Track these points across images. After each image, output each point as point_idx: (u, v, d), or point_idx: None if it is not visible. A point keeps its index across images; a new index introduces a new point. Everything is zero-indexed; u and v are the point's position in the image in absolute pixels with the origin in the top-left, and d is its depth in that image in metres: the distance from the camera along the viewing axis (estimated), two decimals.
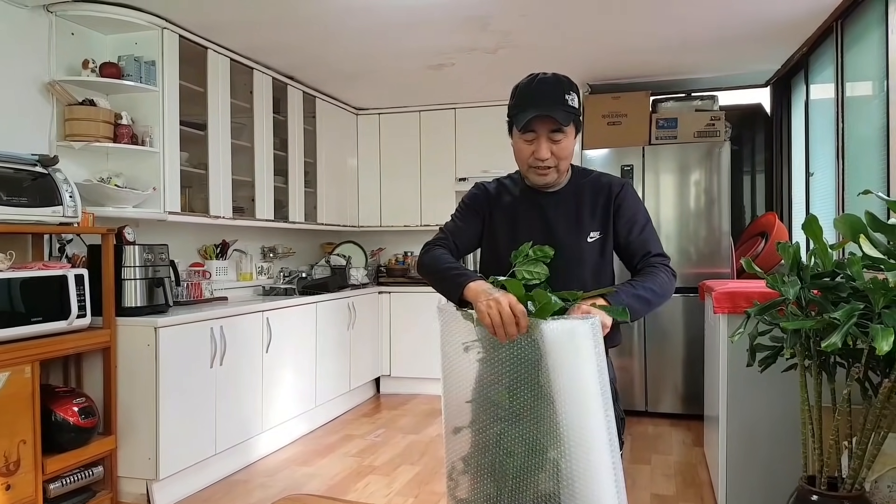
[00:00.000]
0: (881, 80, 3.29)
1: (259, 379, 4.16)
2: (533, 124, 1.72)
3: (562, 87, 1.74)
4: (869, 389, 2.14)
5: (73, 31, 3.62)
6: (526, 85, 1.78)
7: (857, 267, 2.06)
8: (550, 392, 1.46)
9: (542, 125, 1.72)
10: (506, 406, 1.53)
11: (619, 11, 3.82)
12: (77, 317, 3.10)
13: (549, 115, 1.70)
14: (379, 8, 3.70)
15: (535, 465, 1.50)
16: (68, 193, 3.12)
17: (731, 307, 2.89)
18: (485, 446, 1.59)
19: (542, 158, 1.74)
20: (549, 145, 1.73)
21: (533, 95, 1.74)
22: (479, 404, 1.61)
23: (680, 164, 4.98)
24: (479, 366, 1.61)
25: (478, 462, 1.61)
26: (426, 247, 1.86)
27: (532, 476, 1.50)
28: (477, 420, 1.62)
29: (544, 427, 1.49)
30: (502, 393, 1.53)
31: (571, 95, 1.74)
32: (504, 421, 1.54)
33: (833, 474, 2.19)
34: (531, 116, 1.71)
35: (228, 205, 4.39)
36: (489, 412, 1.58)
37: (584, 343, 1.42)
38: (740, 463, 2.95)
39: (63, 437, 3.04)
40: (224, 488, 3.70)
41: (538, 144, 1.74)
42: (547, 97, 1.72)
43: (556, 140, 1.74)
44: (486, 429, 1.59)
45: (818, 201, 4.41)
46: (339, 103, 5.92)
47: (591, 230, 1.84)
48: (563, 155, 1.76)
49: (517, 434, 1.52)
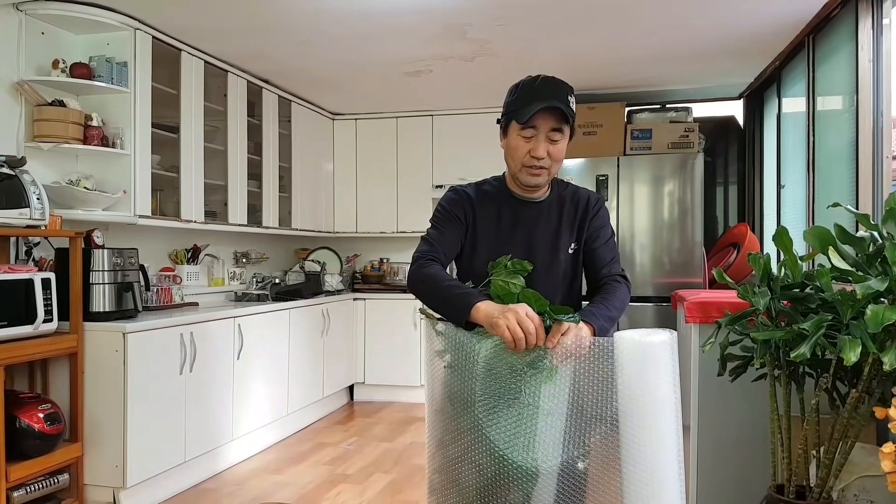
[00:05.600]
0: (851, 95, 3.35)
1: (230, 386, 4.10)
2: (536, 119, 1.70)
3: (566, 87, 1.75)
4: (837, 399, 2.17)
5: (43, 30, 3.56)
6: (530, 82, 1.76)
7: (826, 279, 2.08)
8: (589, 406, 1.46)
9: (545, 121, 1.70)
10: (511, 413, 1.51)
11: (595, 24, 3.85)
12: (43, 321, 3.04)
13: (556, 107, 1.68)
14: (356, 15, 3.69)
15: (509, 477, 1.49)
16: (36, 195, 3.06)
17: (703, 317, 2.91)
18: (462, 459, 1.57)
19: (538, 157, 1.72)
20: (547, 145, 1.72)
21: (539, 90, 1.72)
22: (459, 416, 1.60)
23: (654, 174, 5.03)
24: (451, 376, 1.60)
25: (451, 475, 1.60)
26: (417, 262, 1.77)
27: (504, 490, 1.50)
28: (450, 431, 1.61)
29: (543, 439, 1.48)
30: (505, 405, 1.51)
31: (572, 99, 1.75)
32: (475, 433, 1.53)
33: (801, 483, 2.21)
34: (537, 109, 1.68)
35: (200, 209, 4.33)
36: (464, 422, 1.57)
37: (664, 354, 1.43)
38: (710, 471, 2.96)
39: (28, 444, 2.97)
40: (193, 497, 3.64)
41: (536, 142, 1.72)
42: (553, 92, 1.72)
43: (555, 140, 1.73)
44: (461, 440, 1.58)
45: (789, 213, 4.47)
46: (316, 108, 5.89)
47: (570, 242, 1.84)
48: (558, 157, 1.76)
49: (486, 447, 1.51)
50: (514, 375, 1.50)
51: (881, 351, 1.89)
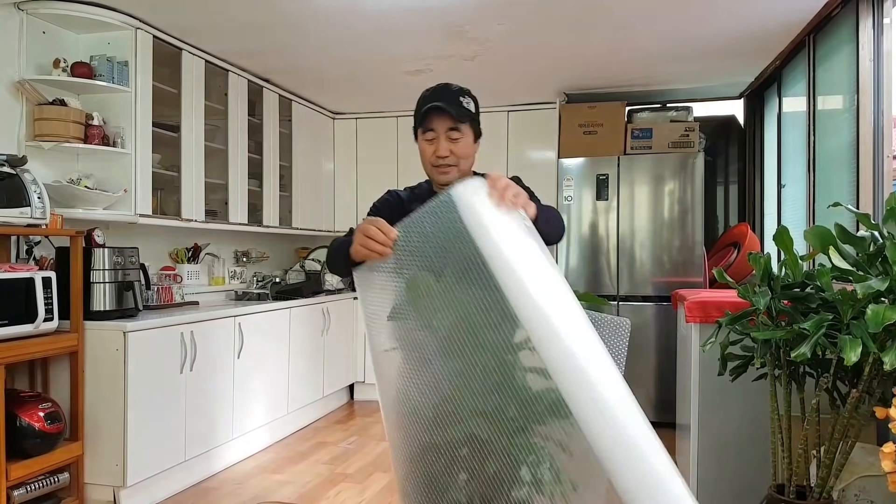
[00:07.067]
0: (851, 95, 3.35)
1: (230, 385, 4.10)
2: (431, 121, 1.81)
3: (458, 91, 1.86)
4: (837, 399, 2.17)
5: (44, 29, 3.56)
6: (425, 91, 1.90)
7: (827, 278, 2.08)
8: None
9: (441, 123, 1.81)
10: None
11: (595, 24, 3.85)
12: (44, 320, 3.04)
13: (443, 109, 1.79)
14: (356, 14, 3.69)
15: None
16: (37, 194, 3.06)
17: (703, 317, 2.91)
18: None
19: (441, 156, 1.82)
20: (448, 144, 1.82)
21: (430, 96, 1.86)
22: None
23: (654, 174, 5.03)
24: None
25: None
26: (332, 243, 1.89)
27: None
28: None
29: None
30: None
31: (467, 100, 1.85)
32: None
33: (802, 483, 2.21)
34: (426, 108, 1.81)
35: (201, 208, 4.34)
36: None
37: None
38: (711, 471, 2.97)
39: (28, 443, 2.97)
40: (193, 495, 3.64)
41: (438, 143, 1.82)
42: (442, 96, 1.84)
43: (455, 139, 1.82)
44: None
45: (789, 212, 4.47)
46: (316, 107, 5.89)
47: None
48: (462, 154, 1.84)
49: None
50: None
51: (882, 351, 1.89)
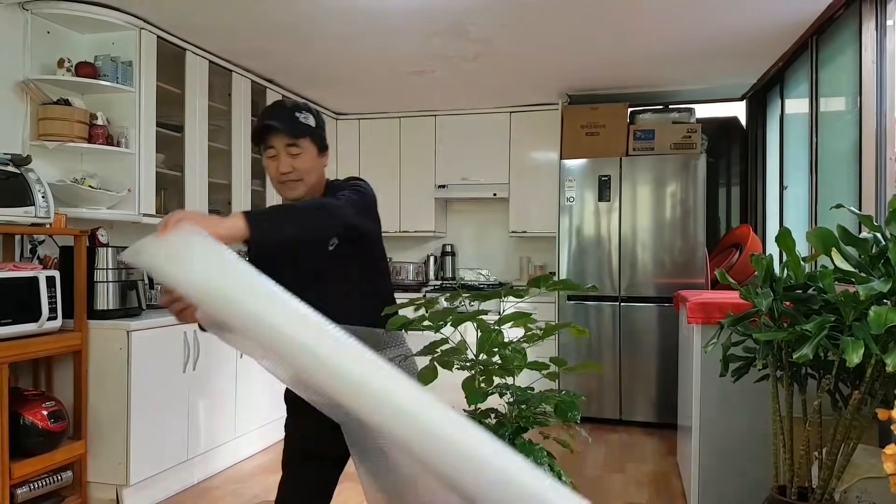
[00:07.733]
0: (854, 97, 3.35)
1: (233, 384, 4.11)
2: (269, 139, 1.82)
3: (294, 107, 1.86)
4: (839, 401, 2.18)
5: (48, 29, 3.57)
6: (264, 109, 1.94)
7: (829, 280, 2.09)
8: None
9: (278, 140, 1.81)
10: None
11: (598, 25, 3.85)
12: (48, 319, 3.05)
13: (275, 127, 1.80)
14: (359, 15, 3.70)
15: None
16: (41, 194, 3.07)
17: (705, 318, 2.92)
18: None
19: (283, 172, 1.83)
20: (289, 160, 1.82)
21: (265, 115, 1.89)
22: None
23: (656, 175, 5.03)
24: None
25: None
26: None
27: None
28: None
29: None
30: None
31: (304, 114, 1.85)
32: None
33: (803, 484, 2.22)
34: (259, 127, 1.82)
35: (204, 208, 4.34)
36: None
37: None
38: (713, 472, 2.97)
39: (31, 442, 2.98)
40: (196, 494, 3.64)
41: (279, 160, 1.82)
42: (276, 114, 1.86)
43: (294, 154, 1.82)
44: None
45: (791, 214, 4.47)
46: (319, 108, 5.90)
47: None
48: (305, 168, 1.84)
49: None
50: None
51: (884, 352, 1.89)
